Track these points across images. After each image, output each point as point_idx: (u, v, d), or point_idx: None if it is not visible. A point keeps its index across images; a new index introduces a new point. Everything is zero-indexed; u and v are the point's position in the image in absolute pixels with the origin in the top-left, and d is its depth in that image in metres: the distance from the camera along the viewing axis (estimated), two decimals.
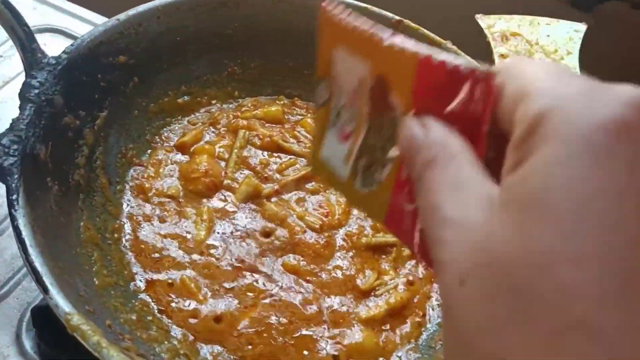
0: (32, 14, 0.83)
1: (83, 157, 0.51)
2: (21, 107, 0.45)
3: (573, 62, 0.61)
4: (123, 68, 0.55)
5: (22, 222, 0.39)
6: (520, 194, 0.19)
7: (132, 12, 0.55)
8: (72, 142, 0.50)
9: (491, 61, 0.61)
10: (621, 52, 0.92)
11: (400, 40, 0.24)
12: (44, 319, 0.53)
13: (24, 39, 0.46)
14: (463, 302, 0.20)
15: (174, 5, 0.57)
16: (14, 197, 0.40)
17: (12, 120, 0.44)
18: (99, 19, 0.83)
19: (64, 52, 0.49)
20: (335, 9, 0.27)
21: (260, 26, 0.63)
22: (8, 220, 0.60)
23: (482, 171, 0.22)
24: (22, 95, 0.45)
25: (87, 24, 0.83)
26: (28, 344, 0.53)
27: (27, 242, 0.38)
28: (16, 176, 0.41)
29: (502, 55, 0.61)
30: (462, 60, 0.23)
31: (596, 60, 0.72)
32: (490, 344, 0.19)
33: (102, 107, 0.53)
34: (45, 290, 0.36)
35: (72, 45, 0.50)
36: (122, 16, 0.54)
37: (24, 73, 0.74)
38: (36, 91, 0.46)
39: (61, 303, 0.36)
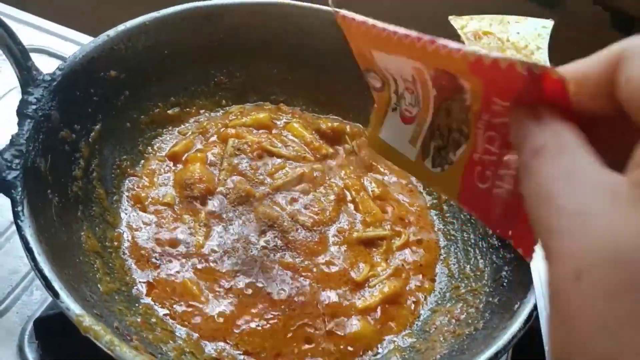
0: (23, 30, 0.84)
1: (80, 169, 0.52)
2: (20, 123, 0.47)
3: (543, 56, 0.64)
4: (114, 82, 0.57)
5: (28, 232, 0.41)
6: None
7: (120, 27, 0.57)
8: (69, 156, 0.51)
9: None
10: (585, 46, 0.96)
11: (439, 42, 0.24)
12: (46, 331, 0.54)
13: (20, 58, 0.48)
14: (578, 297, 0.19)
15: (161, 20, 0.60)
16: (19, 209, 0.42)
17: (12, 135, 0.46)
18: (80, 37, 0.85)
19: (58, 68, 0.51)
20: (350, 17, 0.28)
21: (243, 37, 0.65)
22: (4, 237, 0.61)
23: (598, 160, 0.21)
24: (20, 111, 0.47)
25: (69, 42, 0.85)
26: (31, 356, 0.54)
27: (35, 251, 0.40)
28: (19, 189, 0.43)
29: None
30: (515, 56, 0.23)
31: (563, 55, 0.75)
32: (604, 343, 0.18)
33: (95, 121, 0.55)
34: (55, 294, 0.38)
35: (65, 62, 0.52)
36: (111, 32, 0.56)
37: (12, 91, 0.76)
38: (33, 107, 0.47)
39: (72, 306, 0.38)
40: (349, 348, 0.50)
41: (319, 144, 0.64)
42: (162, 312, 0.49)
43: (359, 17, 0.28)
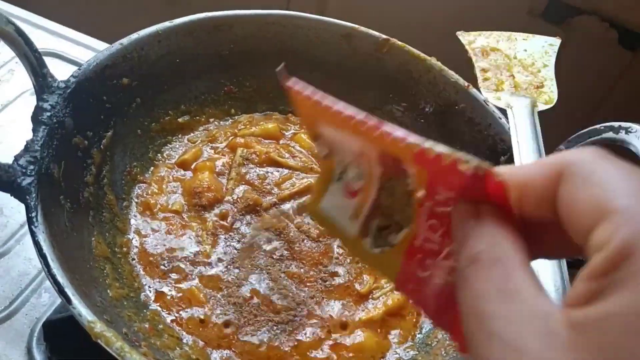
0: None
1: (91, 175, 0.53)
2: (34, 129, 0.48)
3: (549, 74, 0.65)
4: (126, 90, 0.58)
5: (42, 238, 0.41)
6: (599, 339, 0.17)
7: (134, 36, 0.58)
8: (82, 162, 0.52)
9: (473, 75, 0.64)
10: (591, 63, 0.97)
11: (385, 128, 0.24)
12: (55, 333, 0.55)
13: (36, 65, 0.49)
14: None
15: (173, 29, 0.60)
16: (33, 214, 0.42)
17: (27, 141, 0.47)
18: (92, 42, 0.86)
19: (72, 76, 0.52)
20: (301, 88, 0.27)
21: (253, 47, 0.66)
22: (14, 239, 0.62)
23: (535, 280, 0.20)
24: (35, 117, 0.48)
25: (81, 47, 0.86)
26: (39, 358, 0.55)
27: (48, 257, 0.40)
28: (34, 195, 0.43)
29: (483, 70, 0.65)
30: (458, 153, 0.22)
31: (568, 72, 0.76)
32: None
33: (107, 128, 0.56)
34: (68, 300, 0.39)
35: (79, 69, 0.53)
36: (125, 41, 0.57)
37: (25, 94, 0.77)
38: (48, 114, 0.48)
39: (84, 312, 0.39)
40: (353, 359, 0.51)
41: None
42: (169, 318, 0.50)
43: (308, 90, 0.28)
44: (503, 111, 0.61)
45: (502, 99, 0.62)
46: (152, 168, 0.61)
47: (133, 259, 0.53)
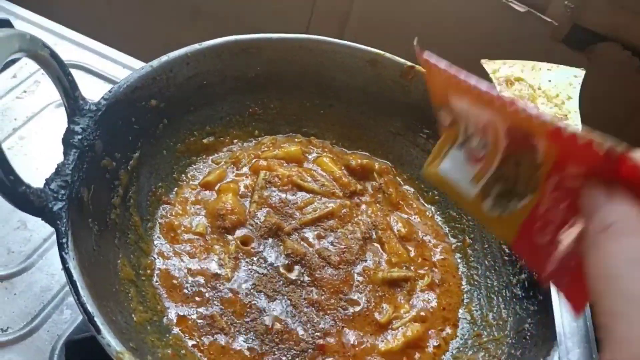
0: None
1: (118, 197, 0.54)
2: (65, 152, 0.48)
3: (574, 106, 0.65)
4: (154, 111, 0.59)
5: (72, 265, 0.42)
6: None
7: (164, 58, 0.58)
8: (109, 183, 0.53)
9: None
10: (613, 90, 0.97)
11: (518, 105, 0.26)
12: (76, 352, 0.55)
13: (68, 88, 0.49)
14: None
15: (202, 51, 0.61)
16: (64, 240, 0.43)
17: (58, 165, 0.47)
18: (114, 53, 0.87)
19: (103, 98, 0.53)
20: (436, 61, 0.30)
21: (280, 69, 0.67)
22: (37, 254, 0.63)
23: None
24: (66, 141, 0.48)
25: (105, 59, 0.87)
26: None
27: (78, 284, 0.41)
28: (65, 220, 0.44)
29: None
30: (592, 134, 0.24)
31: (591, 98, 0.76)
32: None
33: (135, 149, 0.57)
34: (97, 330, 0.39)
35: (110, 91, 0.53)
36: (155, 63, 0.57)
37: (47, 108, 0.77)
38: (79, 137, 0.49)
39: (113, 343, 0.39)
40: None
41: (347, 180, 0.65)
42: (190, 343, 0.50)
43: (442, 63, 0.30)
44: None
45: None
46: (176, 189, 0.61)
47: (156, 282, 0.53)
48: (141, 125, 0.57)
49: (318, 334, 0.53)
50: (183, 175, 0.62)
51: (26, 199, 0.42)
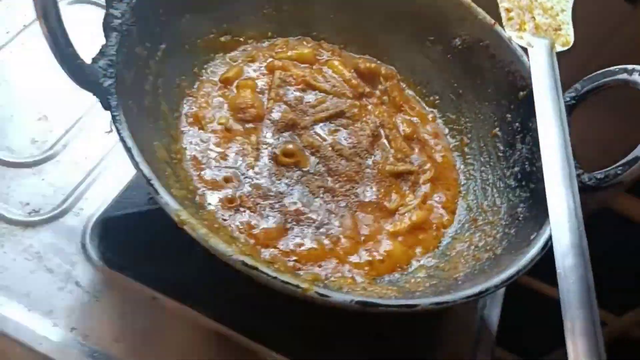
0: None
1: (149, 84, 0.57)
2: (107, 35, 0.50)
3: (567, 18, 0.70)
4: (179, 4, 0.61)
5: (126, 135, 0.46)
6: None
7: None
8: (142, 71, 0.55)
9: (498, 14, 0.69)
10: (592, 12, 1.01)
11: None
12: (109, 230, 0.60)
13: None
14: None
15: None
16: (116, 113, 0.46)
17: (102, 46, 0.50)
18: None
19: None
20: None
21: None
22: (60, 144, 0.66)
23: None
24: (107, 24, 0.51)
25: None
26: (93, 253, 0.60)
27: (134, 151, 0.45)
28: (115, 95, 0.47)
29: (507, 10, 0.69)
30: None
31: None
32: None
33: (161, 40, 0.59)
34: (155, 191, 0.43)
35: None
36: None
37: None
38: (119, 21, 0.51)
39: (171, 202, 0.43)
40: (383, 264, 0.57)
41: (357, 82, 0.69)
42: (222, 216, 0.55)
43: None
44: (524, 50, 0.66)
45: (524, 38, 0.67)
46: (197, 83, 0.64)
47: (186, 165, 0.57)
48: (166, 17, 0.59)
49: (333, 216, 0.59)
50: (203, 70, 0.65)
51: (82, 72, 0.45)
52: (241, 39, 0.69)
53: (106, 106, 0.47)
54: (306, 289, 0.42)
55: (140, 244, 0.59)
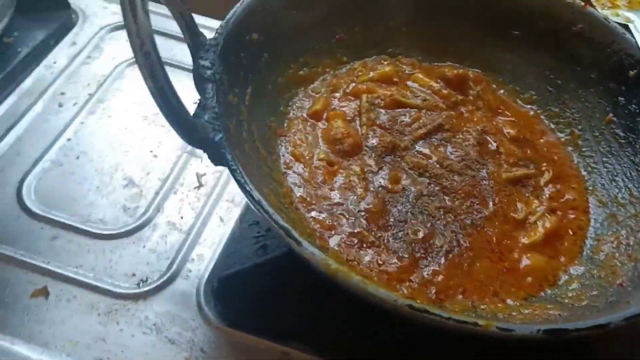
0: (104, 12, 0.85)
1: (246, 131, 0.53)
2: (200, 88, 0.48)
3: None
4: (256, 45, 0.58)
5: (251, 187, 0.42)
6: None
7: None
8: (238, 118, 0.52)
9: None
10: None
11: None
12: (226, 288, 0.56)
13: (191, 24, 0.49)
14: None
15: None
16: (234, 167, 0.43)
17: (200, 99, 0.47)
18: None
19: (217, 33, 0.52)
20: None
21: None
22: (153, 208, 0.63)
23: None
24: (200, 76, 0.48)
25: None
26: (211, 314, 0.56)
27: (265, 206, 0.41)
28: (229, 148, 0.44)
29: None
30: None
31: None
32: None
33: (247, 84, 0.56)
34: (297, 242, 0.40)
35: (221, 26, 0.52)
36: None
37: (117, 70, 0.76)
38: (210, 71, 0.48)
39: (316, 252, 0.39)
40: (528, 280, 0.52)
41: (447, 92, 0.65)
42: (347, 255, 0.51)
43: None
44: (625, 27, 0.61)
45: (620, 15, 0.62)
46: (286, 121, 0.61)
47: (297, 208, 0.54)
48: (248, 60, 0.56)
49: (461, 235, 0.54)
50: (289, 108, 0.62)
51: (194, 129, 0.42)
52: (319, 69, 0.66)
53: (217, 161, 0.44)
54: (486, 325, 0.37)
55: (258, 298, 0.55)
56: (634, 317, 0.39)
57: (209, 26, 0.74)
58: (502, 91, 0.69)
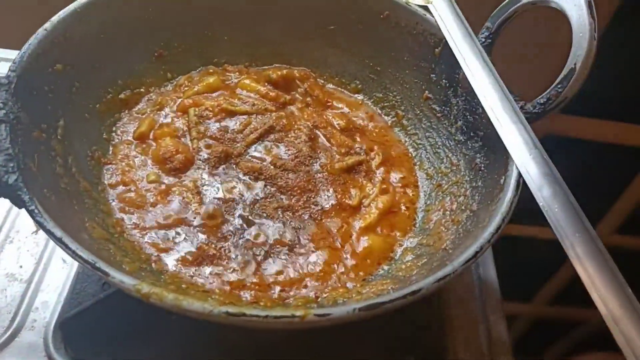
0: None
1: (60, 166, 0.51)
2: None
3: None
4: (63, 76, 0.55)
5: (51, 225, 0.40)
6: None
7: (55, 19, 0.55)
8: (47, 154, 0.50)
9: None
10: None
11: None
12: (72, 331, 0.54)
13: None
14: None
15: (89, 3, 0.58)
16: (32, 207, 0.41)
17: None
18: None
19: (10, 70, 0.49)
20: None
21: (171, 5, 0.65)
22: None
23: None
24: None
25: None
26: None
27: (66, 240, 0.40)
28: (25, 189, 0.42)
29: None
30: None
31: None
32: None
33: (58, 117, 0.54)
34: (105, 274, 0.39)
35: (14, 62, 0.50)
36: (48, 25, 0.54)
37: None
38: (3, 111, 0.46)
39: (125, 279, 0.39)
40: (367, 261, 0.54)
41: (275, 94, 0.66)
42: (187, 274, 0.50)
43: None
44: (424, 9, 0.65)
45: None
46: (111, 148, 0.59)
47: (130, 235, 0.52)
48: (55, 92, 0.54)
49: (302, 230, 0.55)
50: (113, 133, 0.60)
51: None
52: (142, 90, 0.64)
53: (19, 204, 0.42)
54: (303, 315, 0.38)
55: (112, 334, 0.53)
56: (442, 278, 0.42)
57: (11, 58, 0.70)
58: (330, 85, 0.71)
